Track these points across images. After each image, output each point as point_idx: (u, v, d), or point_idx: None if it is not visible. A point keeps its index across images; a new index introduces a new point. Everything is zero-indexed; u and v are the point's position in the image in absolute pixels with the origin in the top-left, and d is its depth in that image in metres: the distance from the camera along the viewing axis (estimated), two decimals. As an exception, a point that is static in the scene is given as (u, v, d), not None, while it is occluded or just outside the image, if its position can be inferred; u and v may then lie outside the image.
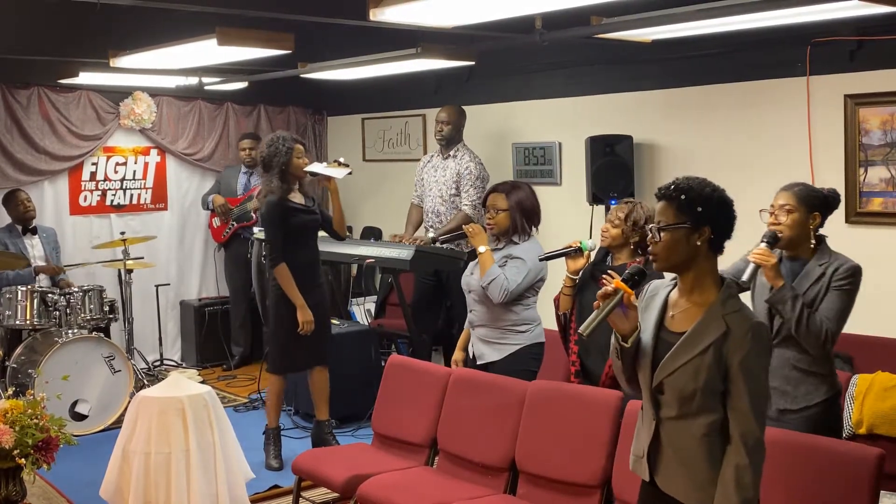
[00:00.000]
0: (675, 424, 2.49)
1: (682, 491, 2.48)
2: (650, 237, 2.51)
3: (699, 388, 2.41)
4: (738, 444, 2.38)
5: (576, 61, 6.24)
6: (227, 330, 7.69)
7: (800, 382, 3.29)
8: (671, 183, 2.50)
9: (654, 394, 2.52)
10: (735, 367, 2.39)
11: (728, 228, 2.50)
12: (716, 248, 2.49)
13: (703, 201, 2.44)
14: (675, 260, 2.48)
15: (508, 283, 4.17)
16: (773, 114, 5.29)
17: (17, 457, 3.55)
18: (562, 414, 3.74)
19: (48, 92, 7.10)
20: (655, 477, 2.55)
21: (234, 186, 7.61)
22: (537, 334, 4.35)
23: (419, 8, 3.56)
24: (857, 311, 4.86)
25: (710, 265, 2.50)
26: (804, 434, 3.19)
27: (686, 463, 2.47)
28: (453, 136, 6.42)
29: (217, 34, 4.37)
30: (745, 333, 2.39)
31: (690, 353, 2.43)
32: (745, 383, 2.38)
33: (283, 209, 5.08)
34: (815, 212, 3.35)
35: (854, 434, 4.12)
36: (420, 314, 6.24)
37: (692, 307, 2.50)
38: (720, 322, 2.42)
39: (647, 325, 2.57)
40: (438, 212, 6.43)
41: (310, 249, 5.23)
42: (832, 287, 3.26)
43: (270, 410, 5.29)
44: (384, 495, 3.79)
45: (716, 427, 2.43)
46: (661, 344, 2.52)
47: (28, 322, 6.01)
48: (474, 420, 4.06)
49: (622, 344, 2.54)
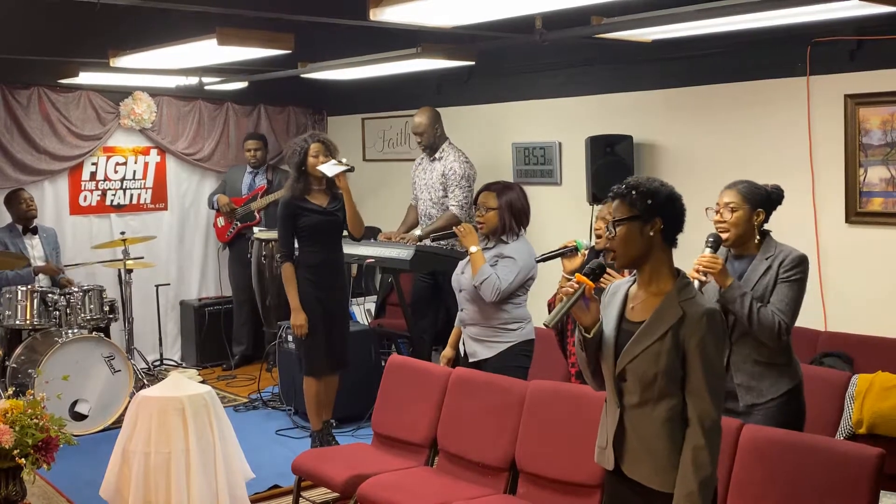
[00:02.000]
0: (637, 411, 2.60)
1: (646, 475, 2.59)
2: (607, 234, 2.66)
3: (660, 371, 2.53)
4: (696, 426, 2.50)
5: (576, 61, 6.23)
6: (228, 330, 7.70)
7: (762, 376, 3.36)
8: (622, 183, 2.66)
9: (617, 382, 2.64)
10: (692, 350, 2.51)
11: (678, 221, 2.64)
12: (669, 240, 2.63)
13: (651, 194, 2.59)
14: (633, 253, 2.61)
15: (500, 282, 4.22)
16: (773, 114, 5.29)
17: (17, 457, 3.54)
18: (561, 414, 3.74)
19: (48, 92, 7.10)
20: (621, 465, 2.65)
21: (239, 186, 7.62)
22: (528, 332, 4.42)
23: (419, 8, 3.56)
24: (858, 311, 4.91)
25: (665, 256, 2.63)
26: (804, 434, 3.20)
27: (650, 449, 2.58)
28: (433, 140, 6.39)
29: (217, 34, 4.37)
30: (699, 318, 2.52)
31: (650, 339, 2.55)
32: (701, 366, 2.50)
33: (292, 208, 5.08)
34: (759, 208, 3.41)
35: (854, 434, 4.12)
36: (418, 314, 6.24)
37: (650, 297, 2.63)
38: (677, 308, 2.55)
39: (608, 318, 2.70)
40: (430, 214, 6.43)
41: (324, 250, 5.17)
42: (780, 279, 3.34)
43: (310, 413, 5.29)
44: (384, 495, 3.80)
45: (676, 412, 2.54)
46: (623, 334, 2.64)
47: (28, 322, 6.01)
48: (474, 420, 4.06)
49: (585, 335, 2.67)
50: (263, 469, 4.89)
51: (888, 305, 4.84)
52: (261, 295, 7.07)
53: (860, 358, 4.53)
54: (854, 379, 4.20)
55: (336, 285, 5.24)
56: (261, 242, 7.01)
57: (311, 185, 5.11)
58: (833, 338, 4.76)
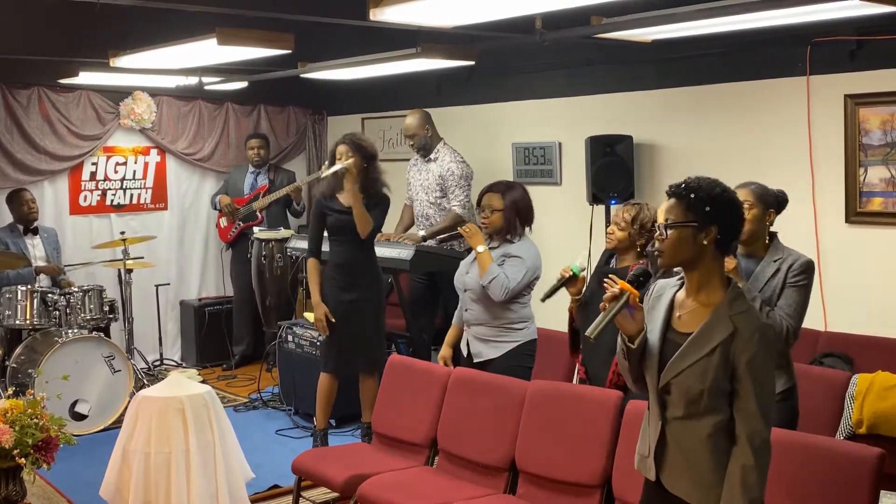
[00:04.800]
0: (681, 425, 2.50)
1: (687, 491, 2.50)
2: (658, 234, 2.53)
3: (706, 388, 2.42)
4: (745, 445, 2.39)
5: (576, 61, 6.23)
6: (229, 329, 7.70)
7: None
8: (682, 181, 2.53)
9: (660, 394, 2.54)
10: (742, 367, 2.40)
11: (735, 230, 2.52)
12: (723, 249, 2.51)
13: (711, 201, 2.46)
14: (681, 258, 2.51)
15: (509, 281, 4.24)
16: (773, 114, 5.29)
17: (17, 456, 3.55)
18: (562, 414, 3.74)
19: (48, 92, 7.10)
20: (661, 476, 2.56)
21: (241, 186, 7.63)
22: (532, 332, 4.44)
23: (419, 8, 3.56)
24: (858, 311, 4.91)
25: (716, 265, 2.51)
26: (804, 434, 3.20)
27: (692, 463, 2.48)
28: (425, 141, 6.40)
29: (217, 34, 4.37)
30: (752, 334, 2.41)
31: (698, 354, 2.44)
32: (753, 384, 2.40)
33: (319, 207, 5.20)
34: (770, 209, 3.46)
35: (854, 434, 4.12)
36: (415, 314, 6.24)
37: (699, 307, 2.51)
38: (727, 322, 2.43)
39: (653, 326, 2.58)
40: (427, 215, 6.43)
41: (348, 249, 5.17)
42: (788, 283, 3.35)
43: (318, 409, 5.28)
44: (384, 495, 3.79)
45: (722, 427, 2.44)
46: (668, 344, 2.53)
47: (28, 322, 6.01)
48: (474, 420, 4.06)
49: (629, 345, 2.55)
50: (263, 469, 4.89)
51: (888, 305, 4.84)
52: (261, 295, 7.07)
53: (860, 358, 4.53)
54: (854, 379, 4.21)
55: (360, 284, 5.19)
56: (261, 242, 7.01)
57: (338, 185, 5.14)
58: (833, 338, 4.76)
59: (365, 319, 5.19)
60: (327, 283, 5.18)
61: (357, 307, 5.16)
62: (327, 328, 5.12)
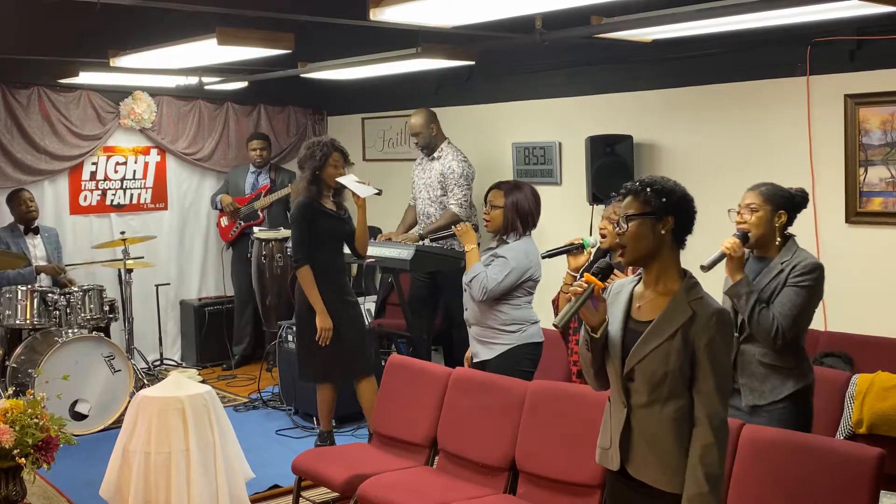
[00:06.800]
0: (645, 411, 2.59)
1: (654, 477, 2.58)
2: (618, 230, 2.66)
3: (670, 370, 2.53)
4: (705, 425, 2.50)
5: (576, 61, 6.23)
6: (229, 329, 7.70)
7: (765, 378, 3.35)
8: (636, 180, 2.69)
9: (624, 382, 2.63)
10: (701, 350, 2.52)
11: (689, 221, 2.65)
12: (678, 240, 2.64)
13: (666, 193, 2.61)
14: (643, 250, 2.62)
15: (487, 280, 4.22)
16: (773, 114, 5.29)
17: (17, 456, 3.55)
18: (562, 414, 3.74)
19: (48, 92, 7.10)
20: (627, 465, 2.64)
21: (242, 186, 7.64)
22: (531, 334, 4.37)
23: (419, 8, 3.56)
24: (858, 311, 4.90)
25: (673, 256, 2.64)
26: (804, 434, 3.19)
27: (657, 449, 2.57)
28: (429, 140, 6.42)
29: (217, 34, 4.37)
30: (709, 318, 2.53)
31: (660, 338, 2.55)
32: (711, 366, 2.51)
33: (313, 210, 5.05)
34: (781, 210, 3.40)
35: (854, 434, 4.12)
36: (415, 314, 6.24)
37: (657, 297, 2.63)
38: (686, 308, 2.55)
39: (614, 318, 2.69)
40: (428, 213, 6.44)
41: (337, 255, 5.16)
42: (788, 283, 3.33)
43: (321, 418, 5.28)
44: (384, 495, 3.79)
45: (684, 412, 2.55)
46: (629, 333, 2.64)
47: (28, 322, 6.01)
48: (474, 420, 4.06)
49: (592, 335, 2.65)
50: (263, 469, 4.89)
51: (888, 305, 4.84)
52: (261, 295, 7.07)
53: (860, 358, 4.53)
54: (854, 379, 4.20)
55: (349, 289, 5.22)
56: (261, 242, 7.01)
57: (323, 190, 5.12)
58: (833, 338, 4.76)
59: (359, 323, 5.20)
60: (326, 291, 5.03)
61: (353, 312, 5.18)
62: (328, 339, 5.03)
